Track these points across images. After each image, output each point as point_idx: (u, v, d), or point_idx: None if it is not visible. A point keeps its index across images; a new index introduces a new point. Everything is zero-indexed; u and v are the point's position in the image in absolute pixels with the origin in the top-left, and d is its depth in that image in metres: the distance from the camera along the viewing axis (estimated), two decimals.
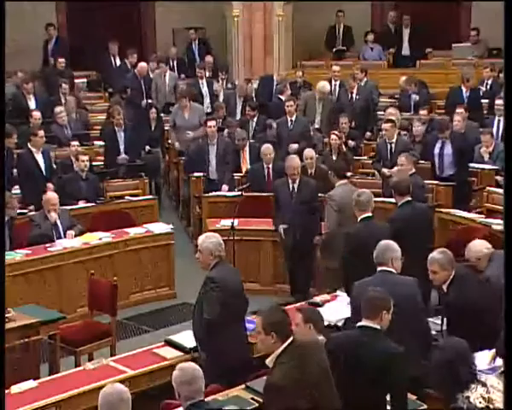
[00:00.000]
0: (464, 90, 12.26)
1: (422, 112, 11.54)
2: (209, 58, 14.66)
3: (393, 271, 5.76)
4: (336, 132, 10.87)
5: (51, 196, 8.85)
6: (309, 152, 9.73)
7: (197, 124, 11.98)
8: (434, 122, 11.46)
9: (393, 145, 10.12)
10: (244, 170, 10.84)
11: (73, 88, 13.59)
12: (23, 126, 11.33)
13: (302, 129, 11.33)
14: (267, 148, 10.14)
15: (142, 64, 13.70)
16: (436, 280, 5.96)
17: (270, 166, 10.09)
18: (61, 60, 14.07)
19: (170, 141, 12.43)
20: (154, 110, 12.43)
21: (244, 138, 11.07)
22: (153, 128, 12.40)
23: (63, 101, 12.62)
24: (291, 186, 8.86)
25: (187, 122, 11.95)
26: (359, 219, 7.08)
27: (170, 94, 13.74)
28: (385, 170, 9.99)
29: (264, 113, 12.42)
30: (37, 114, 11.33)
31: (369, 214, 7.07)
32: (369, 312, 4.85)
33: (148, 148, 12.16)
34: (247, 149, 11.06)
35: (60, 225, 8.79)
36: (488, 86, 12.97)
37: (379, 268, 5.80)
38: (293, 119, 11.31)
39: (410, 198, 7.58)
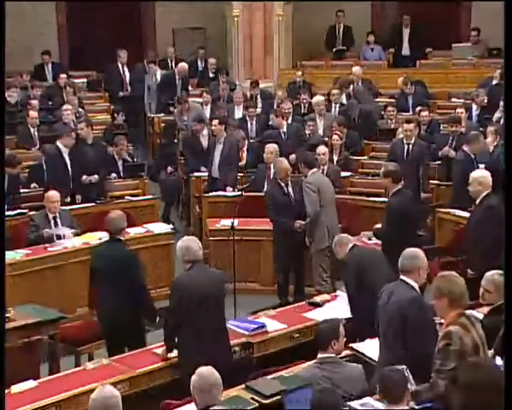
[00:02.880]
0: (475, 107, 12.00)
1: (424, 113, 11.51)
2: (212, 60, 14.64)
3: (410, 282, 5.44)
4: (338, 132, 10.85)
5: (52, 193, 8.82)
6: (322, 148, 9.66)
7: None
8: (434, 123, 11.46)
9: (411, 146, 9.83)
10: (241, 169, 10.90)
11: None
12: (21, 127, 11.41)
13: (296, 136, 11.08)
14: (269, 146, 10.06)
15: (183, 63, 13.74)
16: (486, 300, 5.84)
17: (272, 165, 10.01)
18: (63, 75, 13.77)
19: None
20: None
21: (244, 138, 11.09)
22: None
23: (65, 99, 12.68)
24: (285, 190, 8.64)
25: (185, 122, 11.97)
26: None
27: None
28: None
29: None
30: (33, 114, 11.37)
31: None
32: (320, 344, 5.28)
33: (170, 169, 11.35)
34: (245, 148, 11.08)
35: (60, 225, 8.78)
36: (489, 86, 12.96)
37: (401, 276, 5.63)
38: (285, 130, 10.98)
39: (401, 186, 7.85)
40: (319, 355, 5.28)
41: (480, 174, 7.62)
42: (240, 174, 10.75)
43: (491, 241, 7.07)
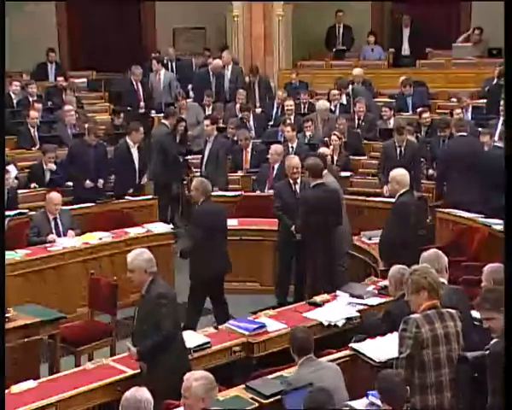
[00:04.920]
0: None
1: (425, 115, 11.51)
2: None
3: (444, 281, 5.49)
4: (337, 133, 10.85)
5: (54, 195, 8.81)
6: (322, 150, 9.62)
7: (195, 122, 12.02)
8: (434, 125, 11.45)
9: (403, 148, 9.91)
10: (244, 170, 10.90)
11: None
12: (21, 127, 11.44)
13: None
14: (275, 147, 10.05)
15: (217, 61, 13.79)
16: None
17: (275, 166, 9.94)
18: (60, 78, 13.70)
19: None
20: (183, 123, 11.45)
21: (247, 138, 11.08)
22: (177, 140, 11.41)
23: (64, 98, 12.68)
24: (293, 187, 8.63)
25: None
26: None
27: (165, 93, 13.72)
28: (385, 188, 9.59)
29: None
30: (34, 114, 11.41)
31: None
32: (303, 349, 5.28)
33: None
34: (249, 149, 11.07)
35: (60, 226, 8.78)
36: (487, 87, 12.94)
37: None
38: (294, 145, 10.62)
39: (322, 181, 8.04)
40: (301, 359, 5.24)
41: (399, 173, 7.62)
42: (241, 174, 10.77)
43: (399, 235, 7.16)
